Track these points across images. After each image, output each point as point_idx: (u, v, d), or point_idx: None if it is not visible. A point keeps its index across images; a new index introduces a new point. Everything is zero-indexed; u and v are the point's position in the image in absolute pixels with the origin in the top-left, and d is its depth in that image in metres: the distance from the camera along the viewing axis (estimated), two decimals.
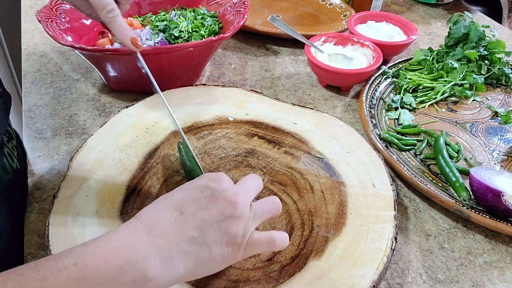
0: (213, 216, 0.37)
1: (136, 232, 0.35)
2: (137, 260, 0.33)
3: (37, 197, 0.56)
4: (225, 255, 0.38)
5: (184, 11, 0.84)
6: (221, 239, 0.37)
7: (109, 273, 0.32)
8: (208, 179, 0.39)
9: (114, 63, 0.69)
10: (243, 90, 0.70)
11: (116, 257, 0.33)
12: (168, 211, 0.36)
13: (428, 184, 0.58)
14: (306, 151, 0.61)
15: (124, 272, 0.33)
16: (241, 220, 0.38)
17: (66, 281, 0.31)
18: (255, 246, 0.40)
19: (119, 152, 0.58)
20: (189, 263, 0.36)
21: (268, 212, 0.41)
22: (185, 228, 0.36)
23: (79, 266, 0.31)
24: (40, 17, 0.67)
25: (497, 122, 0.74)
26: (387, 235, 0.49)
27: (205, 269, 0.38)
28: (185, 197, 0.38)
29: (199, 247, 0.36)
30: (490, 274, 0.51)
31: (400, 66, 0.84)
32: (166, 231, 0.35)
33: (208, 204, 0.37)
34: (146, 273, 0.34)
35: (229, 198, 0.38)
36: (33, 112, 0.70)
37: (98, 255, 0.32)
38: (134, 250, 0.33)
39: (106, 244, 0.33)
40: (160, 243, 0.35)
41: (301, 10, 1.09)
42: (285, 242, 0.42)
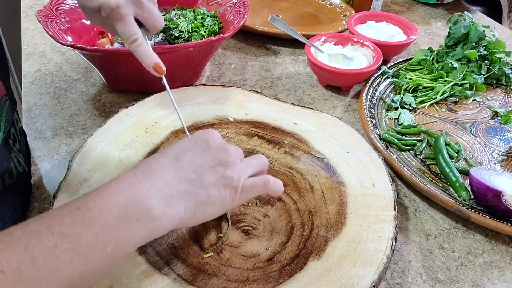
0: (208, 161, 0.39)
1: (135, 176, 0.36)
2: (139, 198, 0.34)
3: (37, 197, 0.56)
4: (222, 198, 0.39)
5: (184, 11, 0.84)
6: (218, 182, 0.39)
7: (112, 212, 0.33)
8: (201, 132, 0.42)
9: (114, 63, 0.69)
10: (243, 90, 0.70)
11: (118, 197, 0.34)
12: (165, 159, 0.38)
13: (428, 184, 0.58)
14: (306, 151, 0.61)
15: (127, 211, 0.34)
16: (234, 166, 0.40)
17: (72, 224, 0.31)
18: (251, 188, 0.41)
19: (119, 152, 0.58)
20: (188, 203, 0.37)
21: (258, 165, 0.44)
22: (183, 171, 0.38)
23: (83, 209, 0.32)
24: (40, 17, 0.67)
25: (497, 122, 0.74)
26: (387, 235, 0.49)
27: (204, 212, 0.39)
28: (180, 148, 0.40)
29: (198, 188, 0.38)
30: (490, 274, 0.51)
31: (400, 66, 0.84)
32: (165, 174, 0.37)
33: (203, 152, 0.40)
34: (150, 211, 0.35)
35: (222, 146, 0.41)
36: (33, 112, 0.70)
37: (100, 198, 0.33)
38: (135, 190, 0.35)
39: (107, 189, 0.35)
40: (160, 184, 0.36)
41: (301, 10, 1.09)
42: (279, 186, 0.44)
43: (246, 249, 0.48)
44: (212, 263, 0.46)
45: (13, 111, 0.52)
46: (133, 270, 0.44)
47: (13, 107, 0.52)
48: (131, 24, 0.50)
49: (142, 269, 0.44)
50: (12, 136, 0.52)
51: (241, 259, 0.47)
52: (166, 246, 0.47)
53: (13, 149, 0.51)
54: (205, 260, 0.46)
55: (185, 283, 0.44)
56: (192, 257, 0.47)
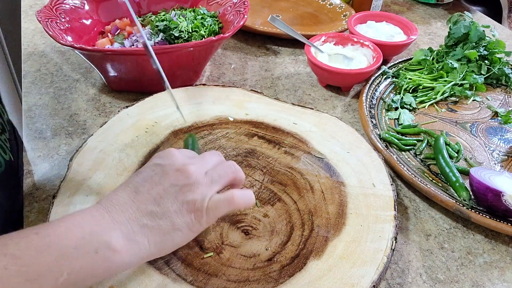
0: (167, 189, 0.38)
1: (97, 210, 0.36)
2: (99, 231, 0.34)
3: (37, 197, 0.56)
4: (188, 223, 0.39)
5: (184, 11, 0.84)
6: (181, 208, 0.38)
7: (71, 241, 0.33)
8: (158, 157, 0.41)
9: (114, 63, 0.69)
10: (243, 90, 0.70)
11: (78, 228, 0.34)
12: (125, 193, 0.38)
13: (428, 184, 0.58)
14: (306, 151, 0.61)
15: (87, 241, 0.33)
16: (196, 187, 0.39)
17: (27, 248, 0.31)
18: (216, 208, 0.40)
19: (119, 152, 0.58)
20: (153, 237, 0.37)
21: (226, 176, 0.42)
22: (143, 204, 0.37)
23: (41, 234, 0.32)
24: (40, 17, 0.67)
25: (497, 122, 0.74)
26: (387, 235, 0.49)
27: (173, 241, 0.38)
28: (138, 179, 0.40)
29: (160, 220, 0.37)
30: (490, 274, 0.51)
31: (400, 66, 0.84)
32: (125, 209, 0.37)
33: (160, 180, 0.39)
34: (109, 244, 0.34)
35: (180, 169, 0.39)
36: (33, 112, 0.70)
37: (60, 226, 0.33)
38: (96, 223, 0.35)
39: (69, 219, 0.34)
40: (121, 219, 0.36)
41: (301, 10, 1.09)
42: (247, 198, 0.42)
43: (246, 249, 0.48)
44: (212, 263, 0.46)
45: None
46: (133, 270, 0.44)
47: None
48: None
49: (142, 269, 0.44)
50: (0, 125, 0.51)
51: (241, 259, 0.47)
52: None
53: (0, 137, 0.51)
54: (205, 260, 0.46)
55: (185, 283, 0.44)
56: (192, 257, 0.47)
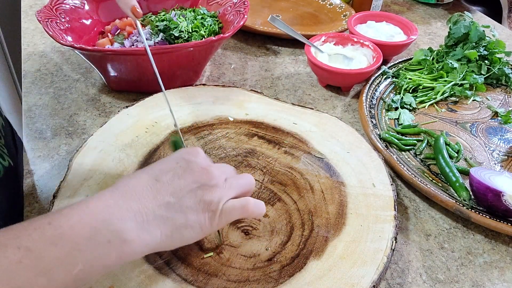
0: (189, 184, 0.38)
1: (112, 196, 0.35)
2: (112, 221, 0.34)
3: (37, 197, 0.56)
4: (201, 222, 0.38)
5: (184, 11, 0.84)
6: (197, 206, 0.38)
7: (84, 232, 0.32)
8: (184, 151, 0.41)
9: (114, 63, 0.69)
10: (243, 90, 0.70)
11: (91, 217, 0.33)
12: (144, 179, 0.38)
13: (428, 184, 0.58)
14: (306, 151, 0.61)
15: (99, 231, 0.33)
16: (215, 189, 0.39)
17: (41, 239, 0.30)
18: (230, 212, 0.40)
19: (119, 152, 0.58)
20: (166, 229, 0.36)
21: (243, 185, 0.43)
22: (161, 194, 0.37)
23: (54, 225, 0.31)
24: (40, 17, 0.67)
25: (497, 122, 0.74)
26: (387, 235, 0.49)
27: (183, 237, 0.38)
28: (161, 167, 0.39)
29: (175, 213, 0.37)
30: (490, 274, 0.51)
31: (400, 66, 0.84)
32: (142, 197, 0.36)
33: (183, 173, 0.39)
34: (122, 234, 0.34)
35: (204, 168, 0.39)
36: (33, 112, 0.70)
37: (73, 215, 0.33)
38: (110, 212, 0.34)
39: (81, 206, 0.34)
40: (136, 207, 0.35)
41: (301, 10, 1.09)
42: (260, 208, 0.42)
43: (246, 249, 0.48)
44: (212, 263, 0.46)
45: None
46: (133, 270, 0.44)
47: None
48: None
49: (142, 269, 0.44)
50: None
51: (241, 259, 0.47)
52: None
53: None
54: (205, 260, 0.46)
55: (185, 283, 0.44)
56: (192, 257, 0.47)
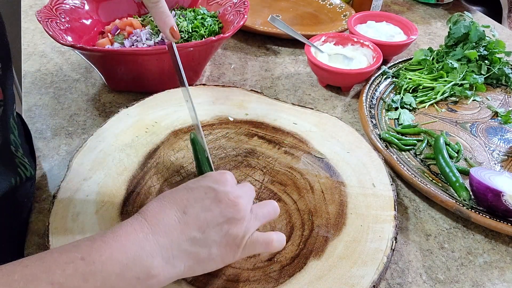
0: (216, 217, 0.38)
1: (142, 230, 0.36)
2: (142, 257, 0.34)
3: (37, 197, 0.56)
4: (223, 256, 0.39)
5: (184, 11, 0.84)
6: (221, 240, 0.38)
7: (115, 268, 0.33)
8: (213, 180, 0.40)
9: (114, 63, 0.69)
10: (243, 90, 0.70)
11: (122, 253, 0.33)
12: (172, 210, 0.37)
13: (428, 184, 0.58)
14: (306, 151, 0.61)
15: (129, 268, 0.33)
16: (242, 222, 0.39)
17: (73, 275, 0.31)
18: (253, 247, 0.41)
19: (119, 152, 0.58)
20: (189, 262, 0.37)
21: (268, 215, 0.43)
22: (188, 228, 0.37)
23: (87, 261, 0.32)
24: (40, 17, 0.67)
25: (497, 122, 0.74)
26: (387, 235, 0.49)
27: (205, 268, 0.39)
28: (189, 197, 0.39)
29: (200, 247, 0.37)
30: (490, 274, 0.51)
31: (400, 66, 0.84)
32: (170, 231, 0.36)
33: (211, 205, 0.38)
34: (150, 270, 0.34)
35: (232, 200, 0.39)
36: (33, 112, 0.70)
37: (105, 250, 0.33)
38: (140, 247, 0.34)
39: (113, 240, 0.34)
40: (164, 242, 0.36)
41: (301, 10, 1.09)
42: (282, 243, 0.43)
43: None
44: None
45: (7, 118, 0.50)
46: None
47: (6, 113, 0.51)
48: None
49: None
50: (13, 142, 0.51)
51: (241, 259, 0.47)
52: None
53: (17, 155, 0.50)
54: None
55: (185, 283, 0.44)
56: None
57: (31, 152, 0.60)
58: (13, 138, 0.51)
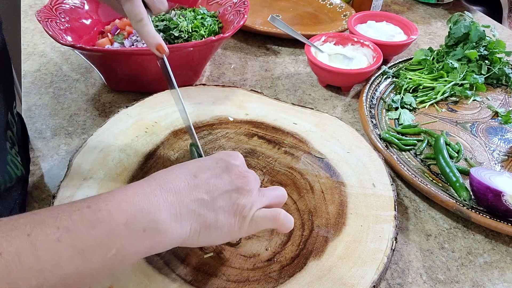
0: (225, 185, 0.38)
1: (150, 186, 0.36)
2: (149, 210, 0.34)
3: (37, 197, 0.56)
4: (230, 225, 0.38)
5: (184, 11, 0.84)
6: (229, 208, 0.38)
7: (121, 218, 0.33)
8: (225, 153, 0.42)
9: (114, 63, 0.69)
10: (243, 90, 0.70)
11: (129, 204, 0.34)
12: (182, 174, 0.38)
13: (428, 184, 0.58)
14: (306, 151, 0.61)
15: (136, 219, 0.33)
16: (250, 194, 0.39)
17: (79, 221, 0.31)
18: (261, 221, 0.40)
19: (119, 152, 0.58)
20: (195, 224, 0.37)
21: (276, 197, 0.43)
22: (197, 190, 0.37)
23: (93, 208, 0.32)
24: (40, 17, 0.67)
25: (498, 122, 0.74)
26: (387, 235, 0.49)
27: (210, 236, 0.38)
28: (200, 165, 0.40)
29: (207, 211, 0.37)
30: (491, 274, 0.51)
31: (400, 66, 0.84)
32: (179, 190, 0.36)
33: (222, 174, 0.39)
34: (157, 224, 0.34)
35: (242, 172, 0.40)
36: (32, 112, 0.70)
37: (111, 201, 0.33)
38: (147, 200, 0.34)
39: (120, 193, 0.34)
40: (172, 199, 0.36)
41: (301, 10, 1.09)
42: (289, 222, 0.41)
43: (246, 249, 0.48)
44: (212, 263, 0.46)
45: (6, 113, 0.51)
46: (133, 270, 0.44)
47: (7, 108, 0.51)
48: (138, 4, 0.50)
49: (142, 269, 0.44)
50: (10, 139, 0.51)
51: (241, 259, 0.47)
52: None
53: (10, 152, 0.50)
54: (205, 260, 0.46)
55: (185, 283, 0.44)
56: (192, 257, 0.47)
57: (26, 154, 0.60)
58: (10, 134, 0.51)
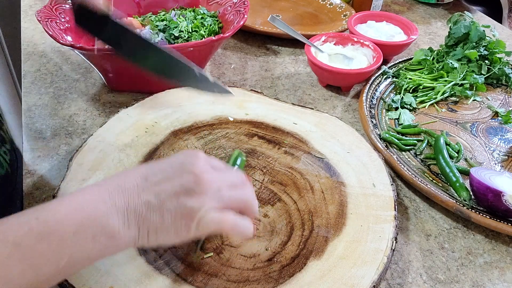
0: (174, 187, 0.38)
1: (99, 193, 0.36)
2: (97, 216, 0.35)
3: (37, 197, 0.56)
4: (177, 228, 0.38)
5: (184, 11, 0.84)
6: (176, 210, 0.37)
7: (70, 227, 0.33)
8: (184, 153, 0.41)
9: (114, 63, 0.69)
10: (243, 90, 0.70)
11: (78, 212, 0.34)
12: (134, 177, 0.38)
13: (428, 184, 0.58)
14: (306, 151, 0.61)
15: (85, 227, 0.34)
16: (200, 196, 0.38)
17: (28, 235, 0.31)
18: (206, 225, 0.38)
19: (119, 152, 0.58)
20: (143, 227, 0.37)
21: (235, 200, 0.40)
22: (145, 192, 0.37)
23: (41, 220, 0.32)
24: (40, 17, 0.67)
25: (498, 122, 0.74)
26: (387, 235, 0.49)
27: (158, 238, 0.38)
28: (154, 167, 0.40)
29: (153, 213, 0.37)
30: (491, 274, 0.51)
31: (400, 66, 0.84)
32: (128, 194, 0.37)
33: (173, 175, 0.38)
34: (105, 229, 0.35)
35: (195, 172, 0.38)
36: (32, 112, 0.70)
37: (59, 210, 0.34)
38: (95, 207, 0.35)
39: (68, 201, 0.35)
40: (120, 204, 0.36)
41: (301, 10, 1.09)
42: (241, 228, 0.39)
43: (246, 249, 0.48)
44: (212, 263, 0.46)
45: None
46: (133, 270, 0.44)
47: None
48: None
49: (142, 269, 0.44)
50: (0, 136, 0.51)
51: (241, 259, 0.47)
52: (166, 247, 0.47)
53: None
54: (205, 260, 0.46)
55: (185, 283, 0.44)
56: (192, 257, 0.47)
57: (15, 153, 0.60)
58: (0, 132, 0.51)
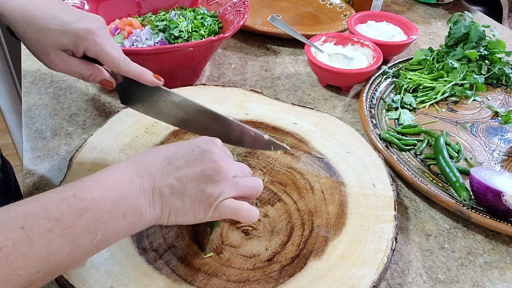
0: (195, 173, 0.40)
1: (127, 172, 0.39)
2: (128, 197, 0.37)
3: None
4: (195, 211, 0.41)
5: (184, 11, 0.84)
6: (196, 196, 0.40)
7: (105, 206, 0.36)
8: (203, 140, 0.43)
9: None
10: (243, 90, 0.70)
11: (111, 192, 0.37)
12: (158, 159, 0.41)
13: (428, 184, 0.58)
14: (306, 151, 0.61)
15: (118, 206, 0.36)
16: (219, 184, 0.41)
17: (67, 211, 0.34)
18: (224, 211, 0.41)
19: (119, 152, 0.58)
20: (166, 208, 0.40)
21: (249, 188, 0.44)
22: (169, 176, 0.40)
23: (79, 197, 0.35)
24: None
25: (498, 122, 0.74)
26: (387, 235, 0.49)
27: (177, 219, 0.41)
28: (177, 151, 0.42)
29: (175, 196, 0.40)
30: (491, 274, 0.51)
31: (400, 66, 0.84)
32: (153, 176, 0.39)
33: (194, 162, 0.41)
34: (135, 209, 0.38)
35: (215, 161, 0.41)
36: (32, 112, 0.70)
37: (95, 189, 0.36)
38: (127, 188, 0.38)
39: (102, 180, 0.37)
40: (147, 186, 0.39)
41: (301, 10, 1.09)
42: (252, 215, 0.43)
43: (246, 249, 0.48)
44: (212, 263, 0.46)
45: None
46: (133, 270, 0.44)
47: None
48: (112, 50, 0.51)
49: (142, 269, 0.44)
50: None
51: (241, 259, 0.47)
52: (166, 247, 0.47)
53: None
54: (205, 260, 0.46)
55: (185, 283, 0.44)
56: (192, 257, 0.47)
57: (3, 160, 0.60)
58: None
